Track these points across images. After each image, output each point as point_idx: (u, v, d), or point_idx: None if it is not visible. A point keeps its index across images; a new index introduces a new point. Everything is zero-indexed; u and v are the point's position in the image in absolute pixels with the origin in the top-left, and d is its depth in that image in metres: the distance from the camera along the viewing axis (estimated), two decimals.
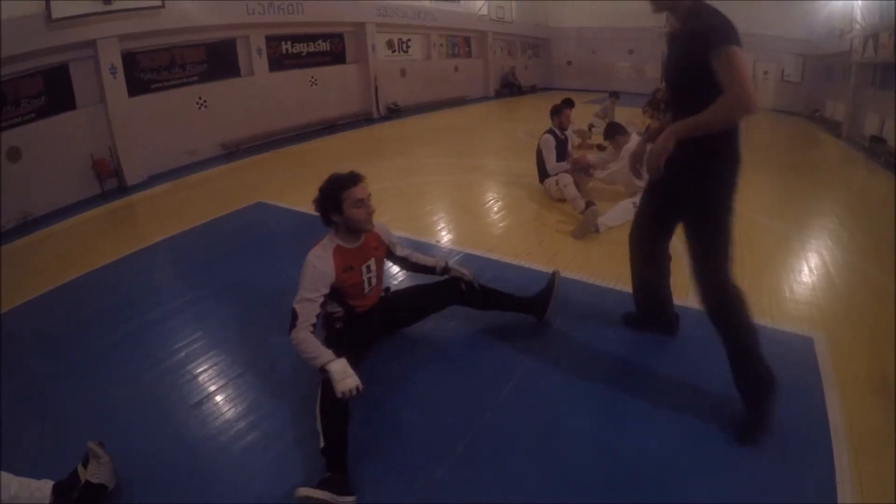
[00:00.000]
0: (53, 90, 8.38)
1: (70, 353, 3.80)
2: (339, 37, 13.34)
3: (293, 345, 2.61)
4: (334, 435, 2.34)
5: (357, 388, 2.37)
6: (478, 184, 7.95)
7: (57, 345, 3.96)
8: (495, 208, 6.65)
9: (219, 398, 3.10)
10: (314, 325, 2.69)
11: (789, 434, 2.58)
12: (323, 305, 2.80)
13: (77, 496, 2.31)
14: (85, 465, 2.40)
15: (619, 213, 5.50)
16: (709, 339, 2.95)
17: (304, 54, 12.47)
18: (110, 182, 8.63)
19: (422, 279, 3.60)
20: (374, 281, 3.10)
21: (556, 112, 6.54)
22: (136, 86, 9.42)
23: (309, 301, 2.70)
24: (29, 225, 7.30)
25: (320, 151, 10.67)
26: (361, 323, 3.04)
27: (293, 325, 2.66)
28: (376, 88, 13.83)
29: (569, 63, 24.14)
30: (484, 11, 18.31)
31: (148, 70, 9.71)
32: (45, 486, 2.39)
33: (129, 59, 9.31)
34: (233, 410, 2.98)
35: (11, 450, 2.68)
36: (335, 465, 2.27)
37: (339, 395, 2.33)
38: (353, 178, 2.85)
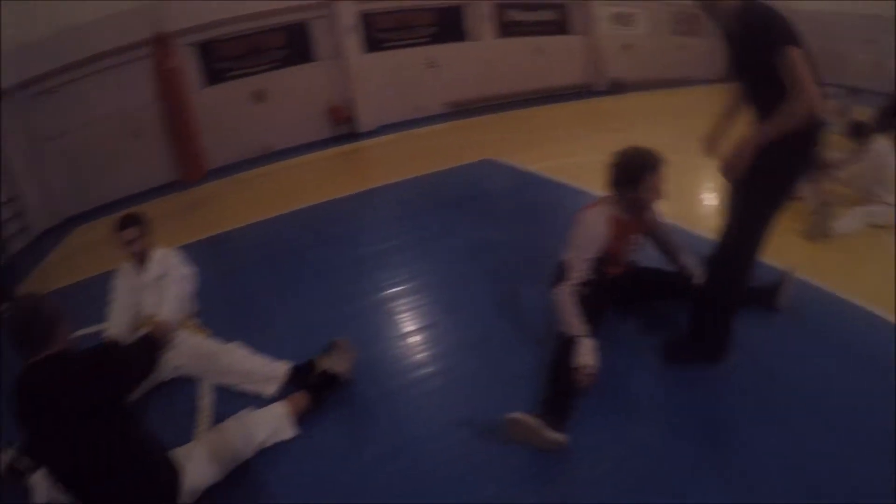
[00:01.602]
0: (295, 44, 9.20)
1: (290, 271, 4.13)
2: (563, 7, 12.72)
3: (556, 299, 2.61)
4: (560, 394, 2.34)
5: (593, 372, 2.35)
6: (702, 167, 6.74)
7: (279, 262, 4.35)
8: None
9: (429, 332, 3.14)
10: (581, 284, 2.68)
11: None
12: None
13: (314, 380, 2.60)
14: (325, 357, 2.68)
15: (854, 221, 4.57)
16: None
17: (529, 23, 11.98)
18: (343, 127, 9.19)
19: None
20: (631, 253, 3.06)
21: None
22: (371, 43, 9.76)
23: (582, 260, 2.70)
24: (269, 156, 8.13)
25: (543, 118, 9.98)
26: (606, 289, 2.94)
27: (564, 277, 2.68)
28: (598, 62, 12.97)
29: None
30: None
31: (382, 30, 9.98)
32: (283, 367, 2.73)
33: (366, 19, 9.69)
34: (441, 346, 3.01)
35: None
36: (553, 413, 2.27)
37: (574, 365, 2.33)
38: (657, 163, 2.70)
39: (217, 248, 5.09)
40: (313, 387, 2.58)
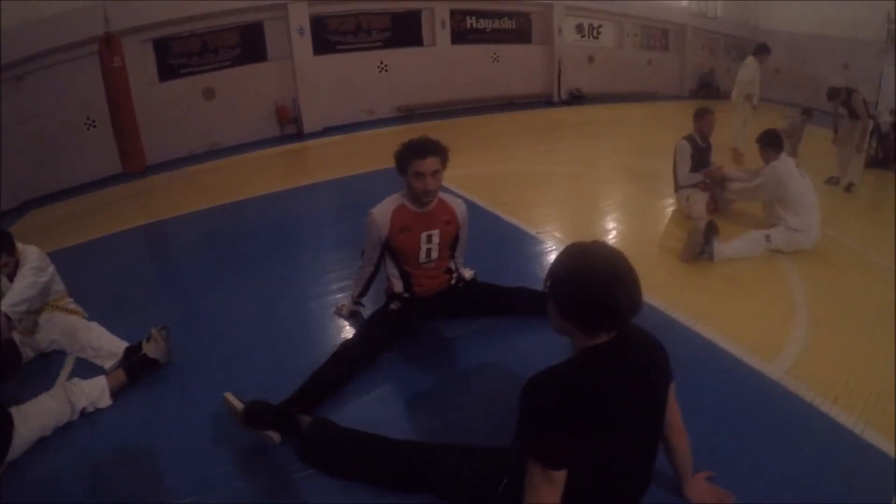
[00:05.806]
0: (248, 43, 9.31)
1: (229, 254, 4.60)
2: (525, 16, 12.92)
3: (358, 268, 3.10)
4: (311, 385, 2.50)
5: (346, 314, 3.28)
6: (616, 182, 6.96)
7: (219, 246, 4.83)
8: (616, 211, 5.78)
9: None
10: (375, 267, 3.00)
11: None
12: (382, 259, 2.96)
13: (134, 361, 2.99)
14: (145, 342, 3.02)
15: (743, 245, 4.42)
16: None
17: (488, 30, 12.11)
18: (289, 127, 9.39)
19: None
20: (433, 254, 2.95)
21: (699, 116, 5.44)
22: (323, 46, 9.88)
23: (369, 253, 2.94)
24: (215, 153, 8.53)
25: (494, 126, 10.13)
26: (420, 309, 3.02)
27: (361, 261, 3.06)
28: (559, 72, 13.23)
29: (776, 71, 21.05)
30: (685, 4, 16.80)
31: (336, 32, 10.09)
32: (122, 346, 3.16)
33: (320, 22, 9.83)
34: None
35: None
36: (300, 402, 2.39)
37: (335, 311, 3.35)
38: (423, 150, 2.70)
39: (148, 236, 5.51)
40: (131, 366, 2.97)
